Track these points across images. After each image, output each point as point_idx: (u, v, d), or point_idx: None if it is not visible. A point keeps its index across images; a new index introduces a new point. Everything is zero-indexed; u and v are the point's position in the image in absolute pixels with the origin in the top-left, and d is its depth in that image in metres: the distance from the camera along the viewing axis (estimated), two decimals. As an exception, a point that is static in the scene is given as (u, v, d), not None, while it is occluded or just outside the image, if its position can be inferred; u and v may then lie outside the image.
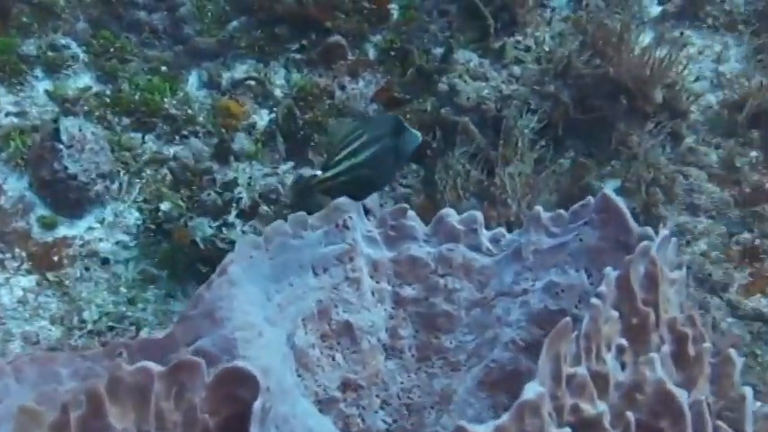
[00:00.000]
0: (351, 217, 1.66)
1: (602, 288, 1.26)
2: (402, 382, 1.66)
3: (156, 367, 1.23)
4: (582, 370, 1.17)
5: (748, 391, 1.27)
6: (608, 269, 1.29)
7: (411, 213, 1.69)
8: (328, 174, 1.78)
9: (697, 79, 2.59)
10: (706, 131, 2.53)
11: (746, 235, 2.29)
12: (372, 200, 2.37)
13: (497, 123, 2.37)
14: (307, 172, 2.33)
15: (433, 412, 1.65)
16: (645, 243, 1.31)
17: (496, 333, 1.61)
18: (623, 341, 1.24)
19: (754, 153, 2.48)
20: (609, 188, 2.39)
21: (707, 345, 1.25)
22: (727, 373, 1.28)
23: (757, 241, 2.27)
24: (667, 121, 2.38)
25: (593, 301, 1.22)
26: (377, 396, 1.66)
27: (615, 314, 1.23)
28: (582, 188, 2.33)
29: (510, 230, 2.14)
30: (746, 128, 2.49)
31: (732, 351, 1.32)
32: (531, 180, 2.16)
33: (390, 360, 1.67)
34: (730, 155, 2.45)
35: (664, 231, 1.36)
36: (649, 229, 1.51)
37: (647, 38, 2.59)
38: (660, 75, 2.33)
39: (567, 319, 1.18)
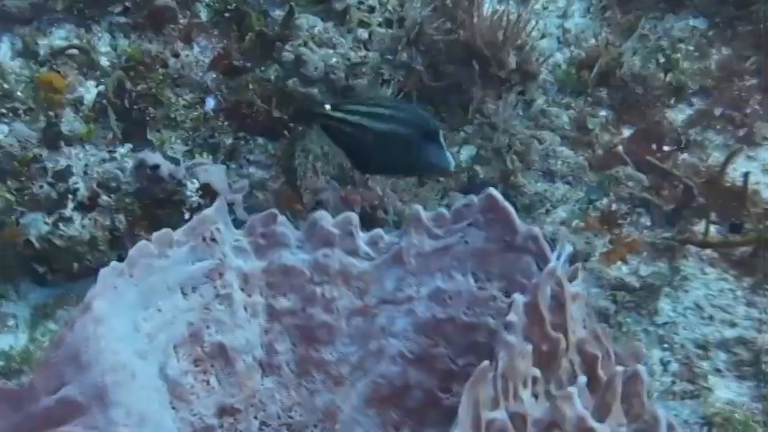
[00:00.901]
0: (218, 229, 1.53)
1: (512, 317, 1.20)
2: (281, 401, 1.57)
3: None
4: (501, 414, 1.11)
5: (661, 411, 1.24)
6: (516, 295, 1.22)
7: (282, 219, 1.57)
8: (336, 113, 1.64)
9: (543, 36, 2.54)
10: (555, 92, 2.49)
11: (604, 200, 2.28)
12: (221, 180, 2.23)
13: (348, 94, 2.25)
14: (149, 156, 2.15)
15: (316, 431, 1.56)
16: (550, 265, 1.25)
17: (381, 344, 1.53)
18: (537, 372, 1.18)
19: (603, 113, 2.46)
20: (465, 156, 2.34)
21: (619, 368, 1.20)
22: (637, 392, 1.24)
23: (614, 206, 2.27)
24: (520, 84, 2.32)
25: (508, 338, 1.15)
26: (255, 418, 1.56)
27: (529, 347, 1.16)
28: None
29: (374, 216, 2.07)
30: (595, 86, 2.47)
31: (640, 367, 1.28)
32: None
33: (268, 378, 1.57)
34: (581, 115, 2.43)
35: (567, 248, 1.30)
36: (535, 229, 1.46)
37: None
38: (512, 38, 2.26)
39: (486, 363, 1.10)
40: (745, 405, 1.93)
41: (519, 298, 1.21)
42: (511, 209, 1.47)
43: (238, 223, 2.10)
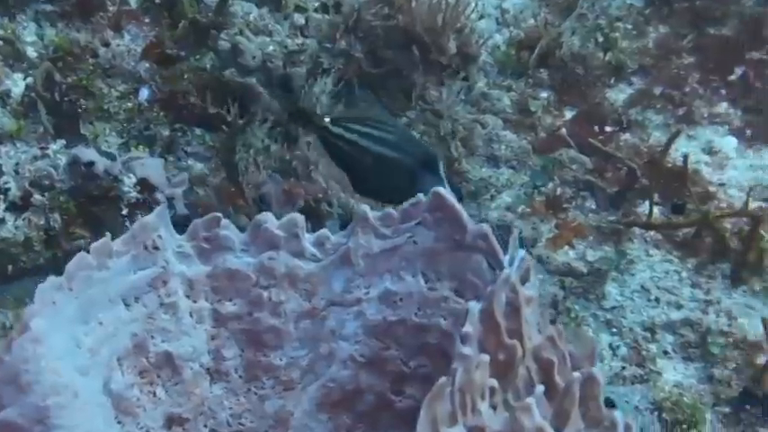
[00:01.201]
0: (160, 236, 1.48)
1: (468, 328, 1.17)
2: (231, 408, 1.53)
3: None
4: (459, 430, 1.08)
5: (618, 416, 1.23)
6: (471, 303, 1.20)
7: (225, 222, 1.53)
8: (334, 128, 1.61)
9: (481, 17, 2.52)
10: (496, 74, 2.47)
11: (549, 184, 2.27)
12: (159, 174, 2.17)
13: (286, 82, 2.20)
14: (83, 152, 2.08)
15: (268, 437, 1.53)
16: (506, 271, 1.23)
17: (331, 348, 1.50)
18: (494, 382, 1.16)
19: (544, 94, 2.45)
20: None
21: (576, 374, 1.19)
22: (593, 395, 1.23)
23: (559, 190, 2.26)
24: (460, 67, 2.29)
25: (464, 351, 1.12)
26: (205, 426, 1.52)
27: (486, 358, 1.14)
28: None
29: (318, 209, 2.03)
30: (535, 67, 2.45)
31: (595, 370, 1.26)
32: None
33: (216, 385, 1.53)
34: (523, 97, 2.41)
35: (521, 252, 1.28)
36: (485, 226, 1.43)
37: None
38: (451, 22, 2.23)
39: (444, 379, 1.08)
40: (693, 387, 1.94)
41: (474, 306, 1.19)
42: (459, 207, 1.44)
43: (179, 218, 2.07)
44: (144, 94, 2.37)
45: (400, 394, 1.48)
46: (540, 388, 1.16)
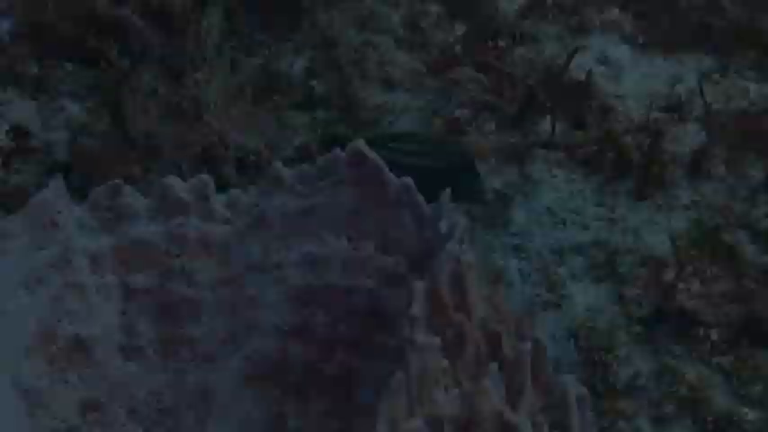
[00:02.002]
0: (58, 211, 1.35)
1: (415, 309, 1.11)
2: (148, 385, 1.44)
3: None
4: (418, 423, 1.03)
5: (569, 381, 1.20)
6: (416, 283, 1.13)
7: (127, 189, 1.41)
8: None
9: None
10: (381, -14, 2.36)
11: (447, 106, 2.19)
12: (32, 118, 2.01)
13: (166, 11, 2.05)
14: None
15: (191, 413, 1.45)
16: (449, 246, 1.17)
17: (252, 316, 1.42)
18: (446, 363, 1.11)
19: (434, 8, 2.35)
20: (297, 69, 2.19)
21: (527, 344, 1.15)
22: (540, 363, 1.20)
23: (457, 112, 2.19)
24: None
25: (417, 338, 1.06)
26: (121, 407, 1.43)
27: (437, 341, 1.08)
28: (272, 76, 2.10)
29: (215, 154, 1.91)
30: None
31: (539, 334, 1.23)
32: (226, 89, 1.90)
33: (131, 362, 1.43)
34: (412, 12, 2.31)
35: (462, 220, 1.22)
36: (407, 180, 1.37)
37: None
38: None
39: (400, 375, 1.02)
40: (605, 309, 1.93)
41: (419, 285, 1.13)
42: (381, 162, 1.37)
43: (61, 166, 1.92)
44: (3, 26, 2.17)
45: (330, 361, 1.42)
46: (493, 366, 1.11)
